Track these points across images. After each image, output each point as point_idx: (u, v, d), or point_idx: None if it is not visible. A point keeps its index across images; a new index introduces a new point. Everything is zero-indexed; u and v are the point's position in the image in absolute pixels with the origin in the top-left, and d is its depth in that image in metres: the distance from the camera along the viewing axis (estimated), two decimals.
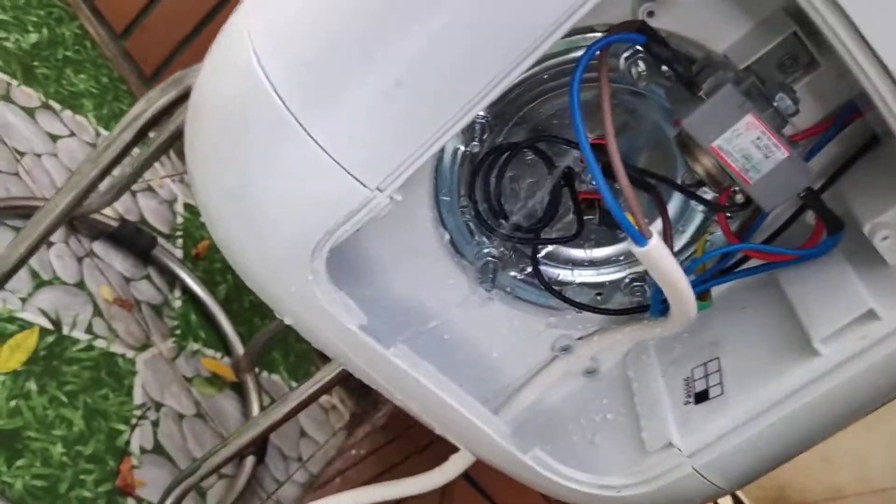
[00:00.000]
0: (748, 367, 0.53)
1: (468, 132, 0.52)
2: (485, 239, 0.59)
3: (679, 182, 0.53)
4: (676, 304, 0.47)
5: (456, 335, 0.59)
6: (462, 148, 0.54)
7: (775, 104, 0.44)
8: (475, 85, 0.39)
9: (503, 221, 0.55)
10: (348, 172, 0.42)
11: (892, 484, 1.41)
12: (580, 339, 0.60)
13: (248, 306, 1.57)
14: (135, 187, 1.51)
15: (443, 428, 0.55)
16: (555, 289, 0.58)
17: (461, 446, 0.58)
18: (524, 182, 0.57)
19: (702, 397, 0.54)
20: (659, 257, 0.43)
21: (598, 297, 0.61)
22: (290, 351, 1.59)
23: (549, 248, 0.60)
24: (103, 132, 1.54)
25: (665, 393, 0.56)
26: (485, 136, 0.53)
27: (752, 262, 0.54)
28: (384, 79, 0.39)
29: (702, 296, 0.54)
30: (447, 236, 0.57)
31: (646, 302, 0.59)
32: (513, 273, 0.60)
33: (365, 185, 0.42)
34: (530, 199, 0.57)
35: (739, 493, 1.50)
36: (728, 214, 0.52)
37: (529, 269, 0.59)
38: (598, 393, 0.61)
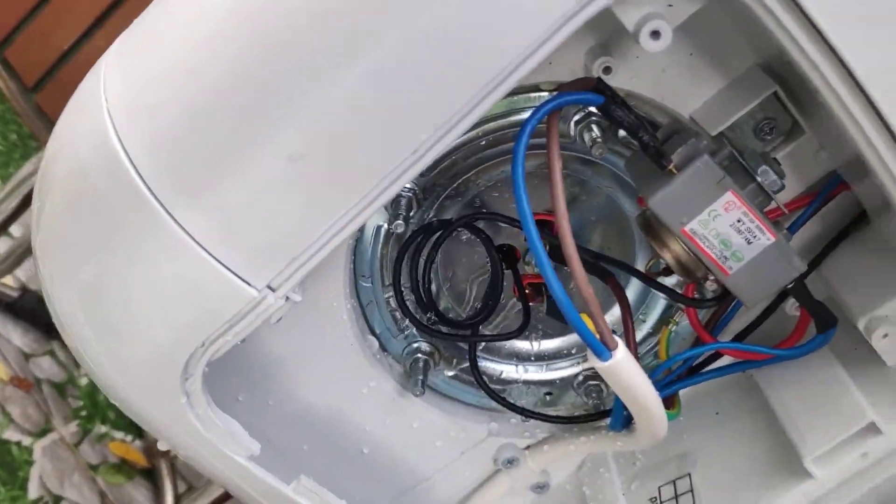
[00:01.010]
0: (726, 490, 0.44)
1: (392, 207, 0.43)
2: (413, 332, 0.49)
3: (641, 269, 0.45)
4: (644, 422, 0.38)
5: (380, 451, 0.50)
6: (385, 226, 0.45)
7: (758, 178, 0.36)
8: (394, 157, 0.30)
9: (433, 316, 0.46)
10: (230, 270, 0.32)
11: None
12: (527, 448, 0.51)
13: None
14: None
15: None
16: (496, 392, 0.48)
17: None
18: (459, 267, 0.48)
19: None
20: (625, 372, 0.34)
21: (548, 397, 0.52)
22: None
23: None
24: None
25: None
26: (412, 213, 0.44)
27: (726, 360, 0.46)
28: (274, 153, 0.30)
29: (668, 401, 0.46)
30: (368, 331, 0.48)
31: (603, 405, 0.50)
32: (447, 371, 0.51)
33: (251, 286, 0.33)
34: (466, 287, 0.48)
35: None
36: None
37: (466, 365, 0.50)
38: None
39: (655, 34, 0.32)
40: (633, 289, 0.49)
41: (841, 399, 0.41)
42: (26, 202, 0.82)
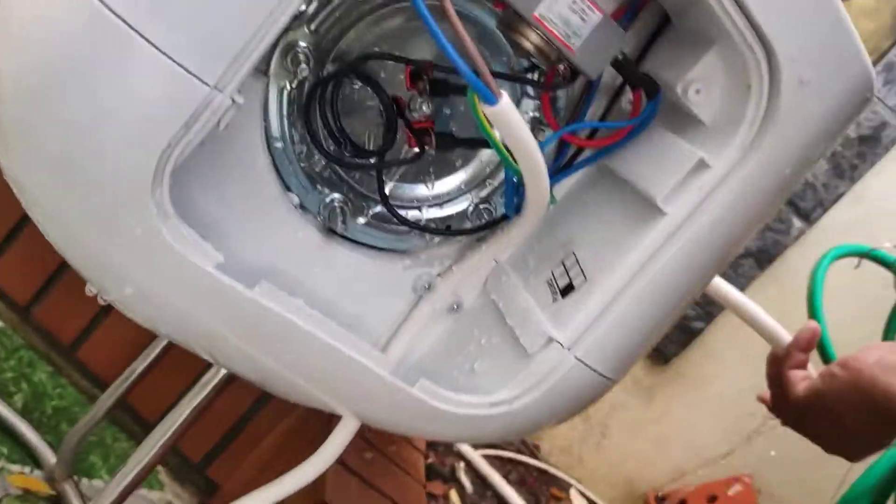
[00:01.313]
0: (604, 248, 0.54)
1: (292, 64, 0.51)
2: (326, 188, 0.57)
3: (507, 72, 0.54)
4: (530, 173, 0.47)
5: (313, 295, 0.56)
6: (287, 85, 0.52)
7: None
8: None
9: (348, 144, 0.54)
10: (185, 69, 0.39)
11: (721, 450, 1.50)
12: (440, 274, 0.60)
13: (51, 413, 1.41)
14: None
15: (316, 381, 0.52)
16: (407, 219, 0.57)
17: (339, 402, 0.54)
18: (354, 121, 0.56)
19: (567, 290, 0.55)
20: (511, 116, 0.44)
21: (448, 230, 0.60)
22: (109, 452, 1.44)
23: (394, 188, 0.59)
24: None
25: (532, 301, 0.56)
26: (309, 65, 0.51)
27: (586, 155, 0.57)
28: None
29: None
30: (286, 188, 0.55)
31: (496, 217, 0.59)
32: (360, 220, 0.58)
33: (203, 82, 0.39)
34: (367, 132, 0.56)
35: (590, 494, 1.53)
36: (556, 94, 0.54)
37: (376, 213, 0.58)
38: (467, 326, 0.60)
39: None
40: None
41: (675, 151, 0.52)
42: None
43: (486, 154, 0.60)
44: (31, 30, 0.40)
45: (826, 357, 0.80)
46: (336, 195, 0.57)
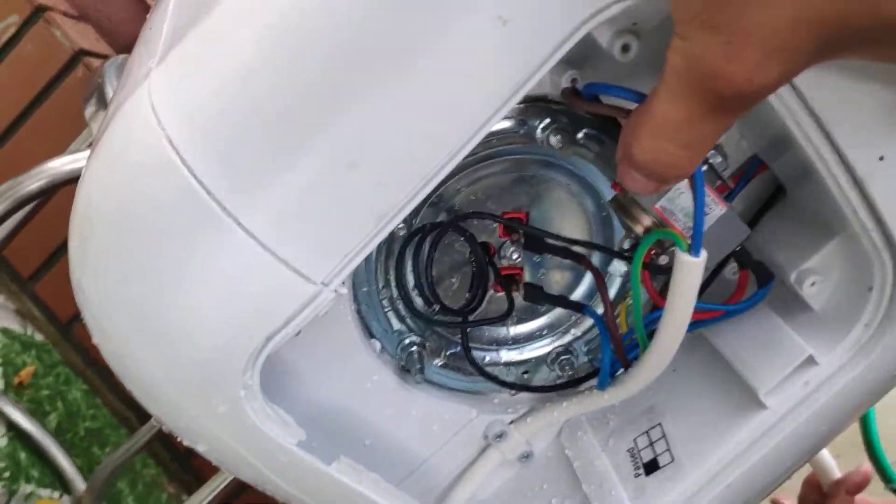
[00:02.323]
0: (694, 429, 0.52)
1: None
2: (404, 328, 0.55)
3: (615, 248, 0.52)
4: (665, 342, 0.44)
5: (382, 440, 0.54)
6: None
7: (710, 161, 0.44)
8: (433, 160, 0.36)
9: (437, 307, 0.51)
10: (291, 267, 0.37)
11: None
12: (513, 423, 0.57)
13: (83, 434, 1.41)
14: None
15: None
16: (487, 371, 0.54)
17: None
18: (442, 261, 0.54)
19: (652, 467, 0.52)
20: (697, 277, 0.41)
21: (525, 375, 0.58)
22: (137, 479, 1.44)
23: (472, 330, 0.57)
24: None
25: (611, 468, 0.54)
26: (404, 220, 0.49)
27: None
28: (335, 161, 0.35)
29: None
30: (369, 335, 0.53)
31: (577, 375, 0.57)
32: (436, 361, 0.56)
33: (310, 281, 0.37)
34: (449, 279, 0.54)
35: None
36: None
37: (453, 353, 0.56)
38: (536, 478, 0.58)
39: (626, 47, 0.40)
40: (588, 277, 0.57)
41: (782, 341, 0.49)
42: None
43: None
44: (120, 171, 0.39)
45: (885, 475, 0.76)
46: (414, 337, 0.55)
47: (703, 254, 0.41)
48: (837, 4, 0.29)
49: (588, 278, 0.57)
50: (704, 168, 0.45)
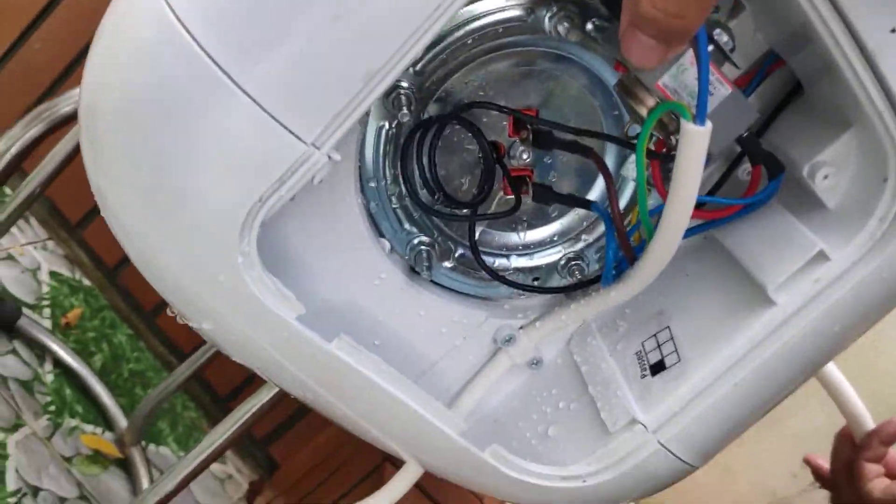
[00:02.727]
0: (702, 329, 0.51)
1: (394, 105, 0.49)
2: (414, 228, 0.55)
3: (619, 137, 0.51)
4: (672, 221, 0.43)
5: (391, 340, 0.55)
6: (385, 126, 0.50)
7: (715, 38, 0.43)
8: (417, 11, 0.36)
9: (440, 195, 0.51)
10: (283, 126, 0.37)
11: (791, 490, 1.44)
12: (522, 328, 0.57)
13: (127, 376, 1.45)
14: None
15: (387, 432, 0.50)
16: (495, 271, 0.54)
17: (407, 453, 0.52)
18: (450, 165, 0.54)
19: (658, 368, 0.52)
20: (706, 143, 0.40)
21: (536, 282, 0.58)
22: (177, 421, 1.48)
23: (483, 234, 0.56)
24: None
25: (618, 371, 0.53)
26: (411, 108, 0.49)
27: (693, 223, 0.53)
28: (320, 14, 0.35)
29: None
30: (378, 234, 0.53)
31: (586, 278, 0.56)
32: (445, 263, 0.56)
33: (301, 140, 0.38)
34: (459, 179, 0.54)
35: None
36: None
37: (462, 255, 0.56)
38: (546, 384, 0.57)
39: None
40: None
41: (792, 236, 0.48)
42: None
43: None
44: (125, 51, 0.39)
45: None
46: (423, 237, 0.55)
47: (709, 124, 0.40)
48: None
49: (599, 184, 0.56)
50: (710, 48, 0.44)
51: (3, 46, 1.49)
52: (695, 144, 0.40)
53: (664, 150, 0.48)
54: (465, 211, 0.53)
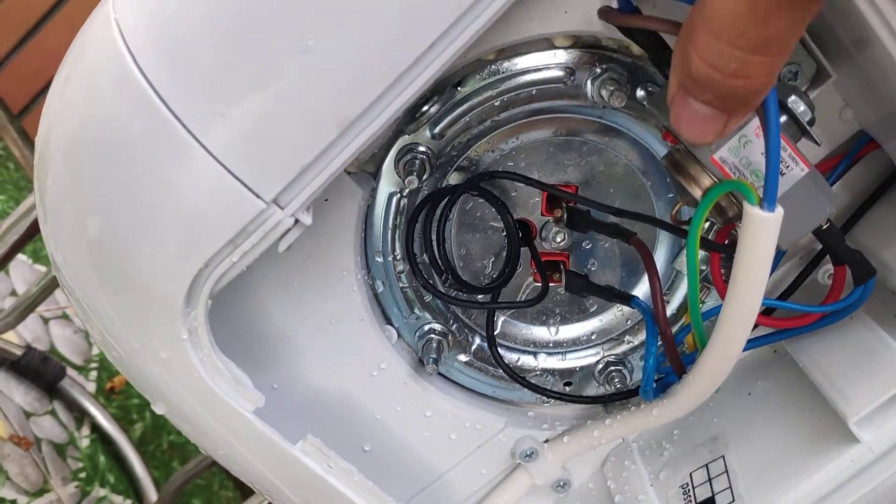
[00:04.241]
0: (764, 464, 0.41)
1: (405, 168, 0.42)
2: (426, 313, 0.47)
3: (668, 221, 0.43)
4: (731, 325, 0.34)
5: (388, 444, 0.47)
6: (397, 194, 0.44)
7: (789, 106, 0.35)
8: (402, 52, 0.29)
9: (448, 276, 0.44)
10: (236, 178, 0.31)
11: None
12: (547, 441, 0.48)
13: (166, 447, 1.40)
14: (47, 314, 1.39)
15: None
16: (515, 371, 0.46)
17: None
18: (473, 245, 0.46)
19: None
20: (773, 235, 0.32)
21: (567, 388, 0.49)
22: (212, 499, 1.41)
23: (506, 324, 0.48)
24: (21, 258, 1.42)
25: None
26: (424, 176, 0.42)
27: (757, 332, 0.44)
28: (286, 44, 0.29)
29: None
30: (379, 308, 0.46)
31: (626, 388, 0.47)
32: (461, 357, 0.48)
33: (257, 196, 0.31)
34: (482, 261, 0.46)
35: None
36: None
37: (480, 348, 0.48)
38: None
39: None
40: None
41: (883, 356, 0.38)
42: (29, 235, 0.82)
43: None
44: (80, 94, 0.35)
45: None
46: (436, 325, 0.47)
47: (779, 210, 0.32)
48: None
49: (647, 280, 0.47)
50: (783, 119, 0.35)
51: (29, 24, 1.48)
52: (761, 235, 0.32)
53: (725, 241, 0.39)
54: (481, 297, 0.45)
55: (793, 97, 0.35)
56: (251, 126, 0.30)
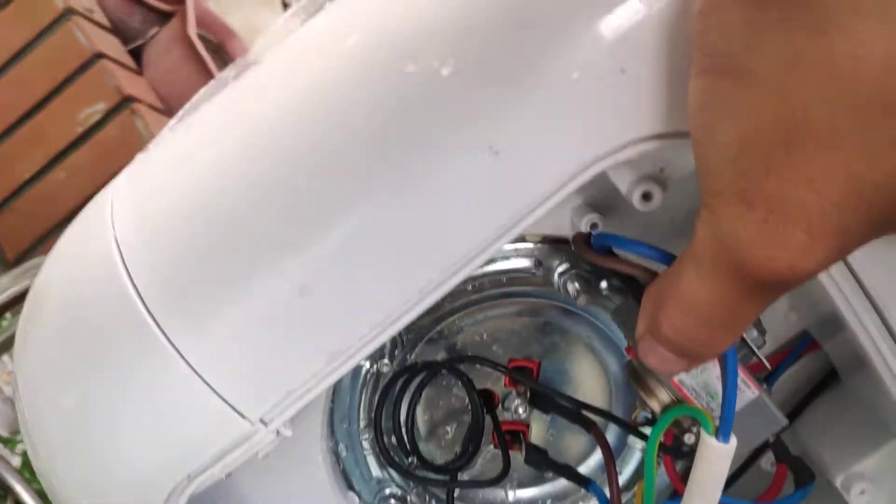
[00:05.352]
0: None
1: (377, 351, 0.43)
2: (386, 476, 0.48)
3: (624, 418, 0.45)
4: None
5: None
6: (366, 366, 0.45)
7: (743, 336, 0.38)
8: (397, 299, 0.31)
9: (414, 459, 0.45)
10: (224, 400, 0.32)
11: None
12: None
13: None
14: None
15: None
16: None
17: None
18: (435, 411, 0.48)
19: None
20: (726, 465, 0.34)
21: None
22: None
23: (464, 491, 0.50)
24: None
25: None
26: (395, 353, 0.44)
27: None
28: (285, 285, 0.31)
29: None
30: (342, 473, 0.47)
31: None
32: None
33: (245, 418, 0.32)
34: (445, 426, 0.48)
35: None
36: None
37: None
38: None
39: (647, 195, 0.34)
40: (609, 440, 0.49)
41: None
42: None
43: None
44: (71, 273, 0.36)
45: None
46: (395, 489, 0.48)
47: (733, 441, 0.34)
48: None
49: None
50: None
51: (31, 171, 1.49)
52: (716, 462, 0.34)
53: (676, 443, 0.41)
54: (441, 475, 0.46)
55: None
56: (245, 352, 0.32)
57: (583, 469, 0.49)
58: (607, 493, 0.43)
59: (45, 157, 1.44)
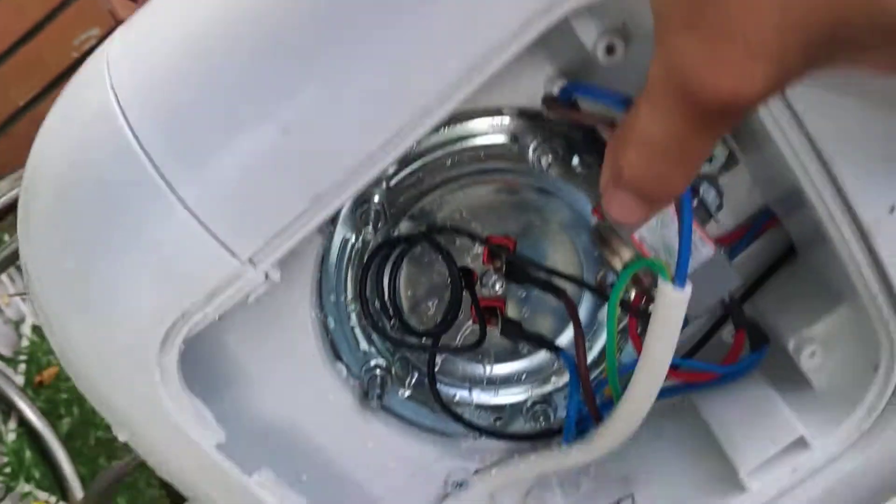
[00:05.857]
0: None
1: (361, 219, 0.46)
2: (372, 349, 0.51)
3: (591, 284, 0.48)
4: (643, 386, 0.39)
5: (332, 465, 0.50)
6: (352, 239, 0.47)
7: (700, 194, 0.40)
8: (378, 136, 0.33)
9: (397, 322, 0.48)
10: (216, 238, 0.34)
11: None
12: (477, 472, 0.53)
13: (93, 444, 1.40)
14: None
15: None
16: (450, 408, 0.50)
17: None
18: (417, 288, 0.51)
19: None
20: (684, 310, 0.36)
21: (497, 423, 0.54)
22: (137, 498, 1.41)
23: (445, 362, 0.53)
24: None
25: None
26: (379, 226, 0.46)
27: (665, 383, 0.49)
28: (270, 124, 0.33)
29: None
30: (330, 344, 0.50)
31: (551, 427, 0.52)
32: (401, 391, 0.52)
33: (235, 256, 0.35)
34: (427, 302, 0.50)
35: None
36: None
37: (420, 383, 0.52)
38: None
39: (611, 49, 0.37)
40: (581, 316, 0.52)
41: (773, 415, 0.44)
42: None
43: None
44: (69, 129, 0.38)
45: None
46: (380, 360, 0.51)
47: (688, 288, 0.37)
48: (829, 2, 0.25)
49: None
50: (695, 203, 0.41)
51: (28, 97, 1.50)
52: (672, 309, 0.37)
53: (641, 302, 0.44)
54: (425, 340, 0.49)
55: (704, 184, 0.41)
56: (234, 192, 0.34)
57: None
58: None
59: (42, 82, 1.45)
